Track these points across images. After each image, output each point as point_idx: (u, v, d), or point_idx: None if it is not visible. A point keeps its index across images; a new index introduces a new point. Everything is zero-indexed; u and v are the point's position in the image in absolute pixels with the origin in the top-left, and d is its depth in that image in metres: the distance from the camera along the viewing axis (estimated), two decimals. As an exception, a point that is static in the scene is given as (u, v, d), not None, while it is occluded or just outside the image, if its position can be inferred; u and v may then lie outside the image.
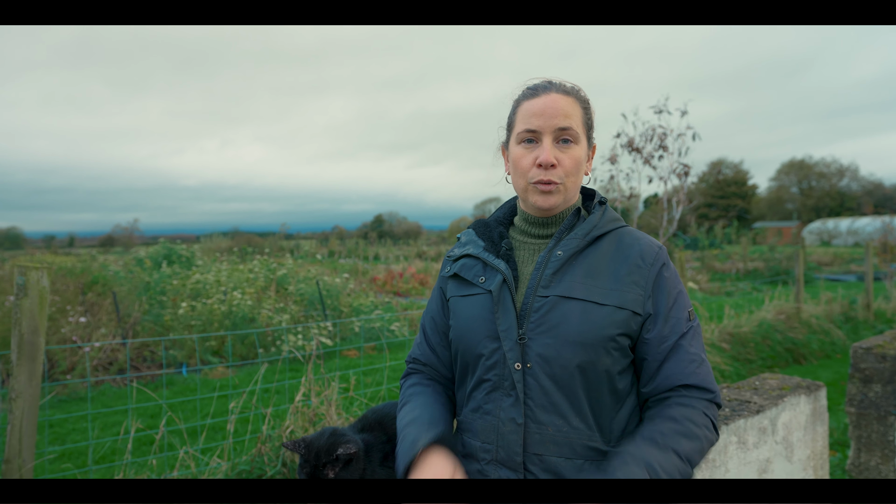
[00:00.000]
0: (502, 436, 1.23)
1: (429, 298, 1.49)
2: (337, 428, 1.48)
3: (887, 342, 3.53)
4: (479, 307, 1.29)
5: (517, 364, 1.21)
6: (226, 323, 8.00)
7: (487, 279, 1.29)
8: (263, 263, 10.49)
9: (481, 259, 1.33)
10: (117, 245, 49.01)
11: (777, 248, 21.98)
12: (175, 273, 10.34)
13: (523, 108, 1.29)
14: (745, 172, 54.42)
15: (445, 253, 1.48)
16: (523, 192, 1.31)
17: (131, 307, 8.26)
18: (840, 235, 37.99)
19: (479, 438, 1.27)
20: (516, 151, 1.29)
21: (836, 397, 5.41)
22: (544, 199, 1.27)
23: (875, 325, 8.73)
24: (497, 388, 1.24)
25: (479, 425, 1.27)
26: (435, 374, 1.43)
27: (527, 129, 1.27)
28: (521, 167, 1.28)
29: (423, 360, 1.44)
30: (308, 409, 4.03)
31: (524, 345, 1.22)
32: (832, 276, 16.86)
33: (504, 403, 1.23)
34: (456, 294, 1.36)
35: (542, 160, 1.24)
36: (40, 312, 2.77)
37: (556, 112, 1.25)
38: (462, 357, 1.32)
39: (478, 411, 1.28)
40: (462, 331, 1.31)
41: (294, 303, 9.16)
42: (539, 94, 1.28)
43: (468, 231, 1.43)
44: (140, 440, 4.50)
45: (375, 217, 64.58)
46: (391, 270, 16.83)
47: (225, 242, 31.83)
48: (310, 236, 55.43)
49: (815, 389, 2.67)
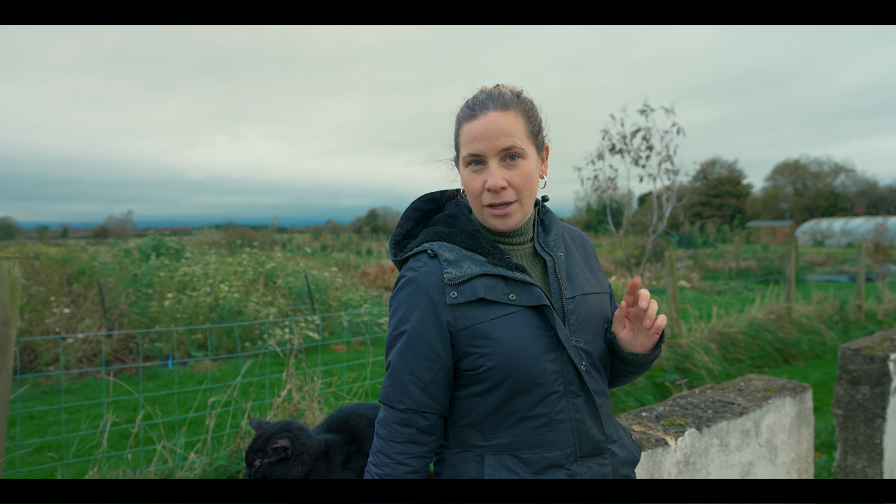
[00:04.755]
0: (584, 434, 1.28)
1: (401, 336, 1.26)
2: (293, 422, 1.42)
3: (876, 344, 3.49)
4: (522, 324, 1.24)
5: (583, 364, 1.28)
6: (212, 316, 7.92)
7: (518, 295, 1.25)
8: (252, 256, 10.40)
9: (500, 275, 1.25)
10: (111, 236, 48.76)
11: (770, 248, 22.03)
12: (163, 265, 10.23)
13: (465, 131, 1.27)
14: (740, 172, 54.58)
15: (412, 277, 1.25)
16: (479, 213, 1.31)
17: (117, 299, 8.16)
18: (833, 236, 38.12)
19: (556, 448, 1.27)
20: (465, 174, 1.28)
21: (826, 398, 5.38)
22: (503, 221, 1.28)
23: (866, 326, 8.73)
24: (565, 395, 1.27)
25: (552, 436, 1.26)
26: (431, 423, 1.27)
27: (470, 153, 1.25)
28: (473, 190, 1.27)
29: (419, 407, 1.25)
30: (290, 404, 3.97)
31: (579, 346, 1.29)
32: (824, 277, 16.90)
33: (576, 405, 1.28)
34: (484, 318, 1.23)
35: (489, 185, 1.23)
36: (11, 303, 2.68)
37: (497, 133, 1.23)
38: (514, 380, 1.22)
39: (547, 425, 1.26)
40: (512, 354, 1.22)
41: (282, 296, 9.08)
42: (477, 116, 1.25)
43: (444, 245, 1.27)
44: (122, 433, 4.43)
45: (370, 211, 64.36)
46: (382, 265, 16.76)
47: (217, 235, 31.69)
48: (303, 230, 55.22)
49: (800, 391, 2.62)
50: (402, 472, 1.23)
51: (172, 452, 3.59)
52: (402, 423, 1.25)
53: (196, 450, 3.67)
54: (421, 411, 1.25)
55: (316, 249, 30.20)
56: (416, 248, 1.30)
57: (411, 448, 1.25)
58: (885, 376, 3.25)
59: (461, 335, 1.23)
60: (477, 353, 1.23)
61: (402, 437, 1.24)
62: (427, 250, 1.27)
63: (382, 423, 1.27)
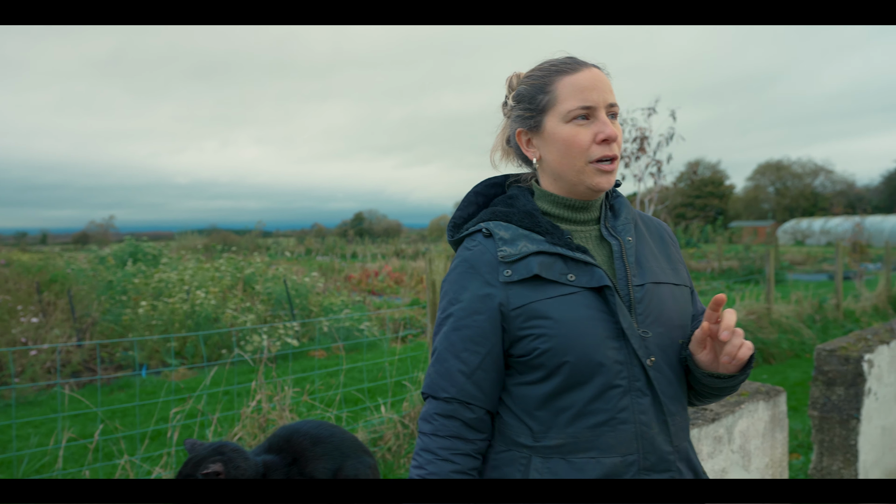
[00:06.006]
0: (648, 440, 1.15)
1: (449, 318, 1.17)
2: (227, 443, 1.32)
3: (850, 344, 3.46)
4: (582, 306, 1.13)
5: (650, 359, 1.15)
6: (188, 323, 7.76)
7: (578, 276, 1.15)
8: (231, 262, 10.23)
9: (558, 254, 1.16)
10: (92, 242, 47.99)
11: (752, 248, 22.23)
12: (139, 271, 10.03)
13: (568, 83, 1.18)
14: (723, 172, 55.18)
15: (466, 257, 1.19)
16: (577, 172, 1.19)
17: (90, 307, 7.97)
18: (813, 235, 38.62)
19: (616, 452, 1.13)
20: (567, 130, 1.18)
21: (805, 398, 5.38)
22: (607, 178, 1.19)
23: (844, 325, 8.78)
24: (629, 391, 1.14)
25: (613, 438, 1.13)
26: (478, 417, 1.16)
27: (582, 105, 1.17)
28: (580, 144, 1.17)
29: (463, 397, 1.15)
30: (259, 414, 3.86)
31: (647, 338, 1.16)
32: (804, 276, 17.06)
33: (641, 405, 1.15)
34: (540, 297, 1.14)
35: (608, 134, 1.16)
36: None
37: (605, 86, 1.19)
38: (571, 366, 1.12)
39: (608, 423, 1.13)
40: (570, 335, 1.12)
41: (261, 302, 8.94)
42: (581, 69, 1.19)
43: (500, 224, 1.20)
44: (86, 448, 4.28)
45: (356, 215, 63.98)
46: (366, 269, 16.64)
47: (200, 240, 31.30)
48: (288, 234, 54.82)
49: (774, 395, 2.57)
50: (449, 471, 1.12)
51: (135, 467, 3.46)
52: (445, 415, 1.14)
53: (161, 464, 3.54)
54: (466, 402, 1.14)
55: (300, 253, 29.96)
56: (471, 228, 1.23)
57: (457, 444, 1.14)
58: (860, 377, 3.23)
59: (514, 316, 1.14)
60: (532, 335, 1.13)
61: (447, 431, 1.14)
62: (482, 229, 1.20)
63: (426, 418, 1.16)
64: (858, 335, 3.73)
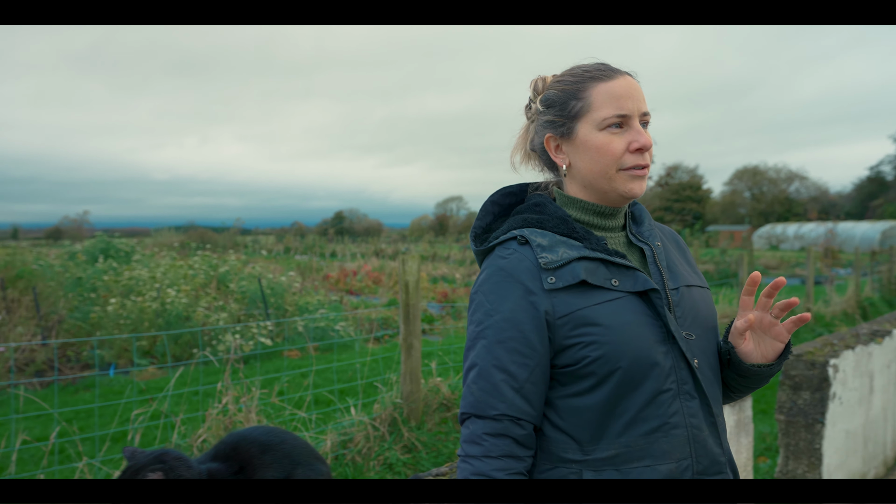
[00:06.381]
0: (700, 444, 1.14)
1: (488, 330, 1.12)
2: (170, 451, 1.27)
3: (817, 349, 3.50)
4: (629, 311, 1.12)
5: (695, 361, 1.16)
6: (158, 322, 7.60)
7: (621, 280, 1.14)
8: (205, 259, 10.06)
9: (600, 259, 1.15)
10: (65, 237, 46.93)
11: (728, 251, 22.57)
12: (110, 268, 9.82)
13: (603, 90, 1.17)
14: (700, 177, 55.97)
15: (502, 265, 1.15)
16: (608, 180, 1.19)
17: (57, 304, 7.77)
18: (788, 240, 39.36)
19: (670, 459, 1.11)
20: (601, 138, 1.17)
21: (774, 401, 5.44)
22: (639, 185, 1.19)
23: (815, 329, 8.93)
24: (678, 395, 1.13)
25: (667, 444, 1.11)
26: (528, 433, 1.11)
27: (617, 113, 1.16)
28: (613, 152, 1.17)
29: (515, 413, 1.08)
30: (225, 416, 3.78)
31: (690, 341, 1.17)
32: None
33: (691, 409, 1.14)
34: (587, 304, 1.12)
35: (643, 143, 1.16)
36: None
37: (639, 94, 1.19)
38: (624, 372, 1.10)
39: (660, 430, 1.11)
40: (622, 341, 1.10)
41: (235, 301, 8.80)
42: (616, 76, 1.18)
43: (535, 231, 1.17)
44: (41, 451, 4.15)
45: (336, 214, 63.49)
46: (345, 268, 16.53)
47: (177, 237, 30.82)
48: (268, 232, 54.27)
49: (739, 400, 2.58)
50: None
51: (95, 469, 3.37)
52: (496, 434, 1.08)
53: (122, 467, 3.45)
54: (517, 417, 1.08)
55: (279, 252, 29.66)
56: (502, 237, 1.18)
57: (511, 464, 1.07)
58: (825, 382, 3.26)
59: (560, 325, 1.10)
60: (581, 343, 1.09)
61: (500, 451, 1.07)
62: (517, 237, 1.16)
63: (473, 440, 1.08)
64: (825, 340, 3.77)
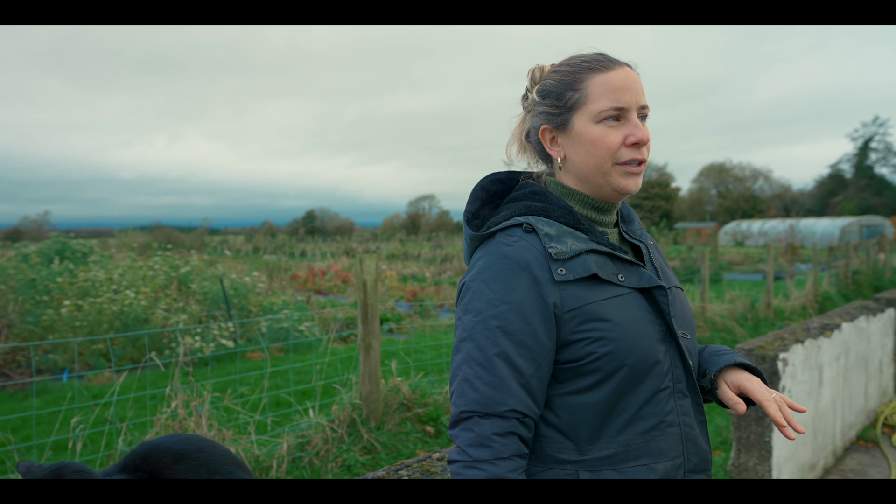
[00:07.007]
0: (692, 441, 1.14)
1: (490, 320, 1.05)
2: (70, 464, 1.19)
3: (768, 343, 3.55)
4: (635, 308, 1.10)
5: (690, 360, 1.16)
6: (116, 324, 7.37)
7: (627, 276, 1.12)
8: (166, 260, 9.81)
9: (607, 254, 1.12)
10: (25, 238, 45.35)
11: (694, 248, 22.97)
12: (66, 269, 9.50)
13: (600, 82, 1.12)
14: (669, 175, 56.96)
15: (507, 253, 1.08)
16: (604, 175, 1.14)
17: (6, 307, 7.48)
18: (752, 236, 40.28)
19: (666, 456, 1.11)
20: (597, 131, 1.13)
21: (731, 395, 5.53)
22: (634, 181, 1.15)
23: (774, 323, 9.14)
24: (674, 394, 1.14)
25: (663, 443, 1.11)
26: (530, 430, 1.06)
27: (614, 106, 1.12)
28: (608, 146, 1.12)
29: (522, 409, 1.03)
30: (174, 421, 3.66)
31: (687, 339, 1.17)
32: (741, 276, 17.74)
33: (684, 407, 1.14)
34: (596, 298, 1.08)
35: (640, 138, 1.12)
36: None
37: (639, 86, 1.15)
38: (629, 369, 1.07)
39: (657, 427, 1.10)
40: (630, 338, 1.07)
41: (196, 302, 8.59)
42: (614, 67, 1.14)
43: (541, 219, 1.12)
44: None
45: (307, 213, 62.73)
46: (313, 268, 16.33)
47: (142, 237, 30.03)
48: (237, 231, 53.33)
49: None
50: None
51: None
52: (504, 433, 1.01)
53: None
54: (524, 414, 1.03)
55: (247, 252, 29.17)
56: (505, 223, 1.12)
57: (521, 463, 1.02)
58: (775, 375, 3.31)
59: (568, 319, 1.06)
60: (587, 339, 1.05)
61: (510, 451, 1.01)
62: (522, 224, 1.11)
63: (481, 442, 1.00)
64: (776, 335, 3.83)
